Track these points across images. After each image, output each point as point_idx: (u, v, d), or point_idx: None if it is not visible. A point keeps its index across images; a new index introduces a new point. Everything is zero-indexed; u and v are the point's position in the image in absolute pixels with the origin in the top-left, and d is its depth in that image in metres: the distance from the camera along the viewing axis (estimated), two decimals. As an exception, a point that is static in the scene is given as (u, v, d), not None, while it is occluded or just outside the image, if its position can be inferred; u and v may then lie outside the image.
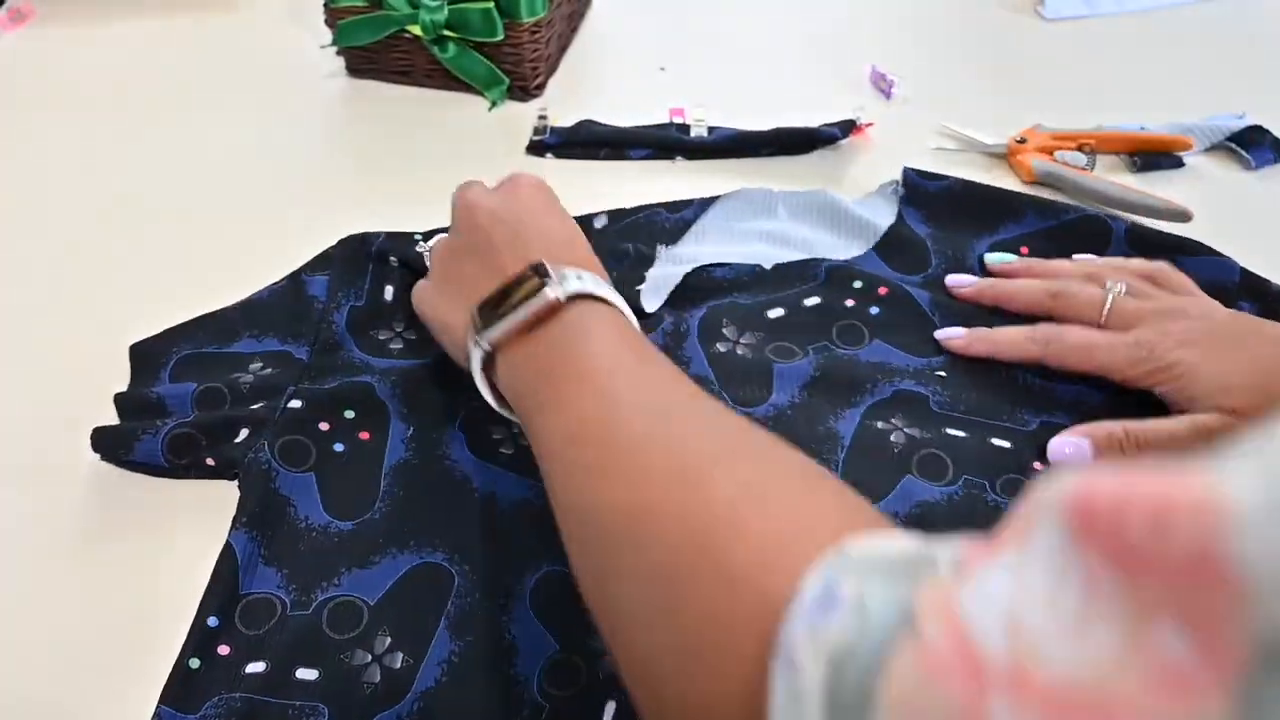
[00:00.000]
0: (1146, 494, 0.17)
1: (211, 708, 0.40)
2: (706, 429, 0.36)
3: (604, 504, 0.34)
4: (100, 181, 0.68)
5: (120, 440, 0.49)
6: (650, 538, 0.32)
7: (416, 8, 0.72)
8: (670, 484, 0.33)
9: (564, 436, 0.38)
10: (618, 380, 0.38)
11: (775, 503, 0.31)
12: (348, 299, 0.55)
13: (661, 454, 0.34)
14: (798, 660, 0.24)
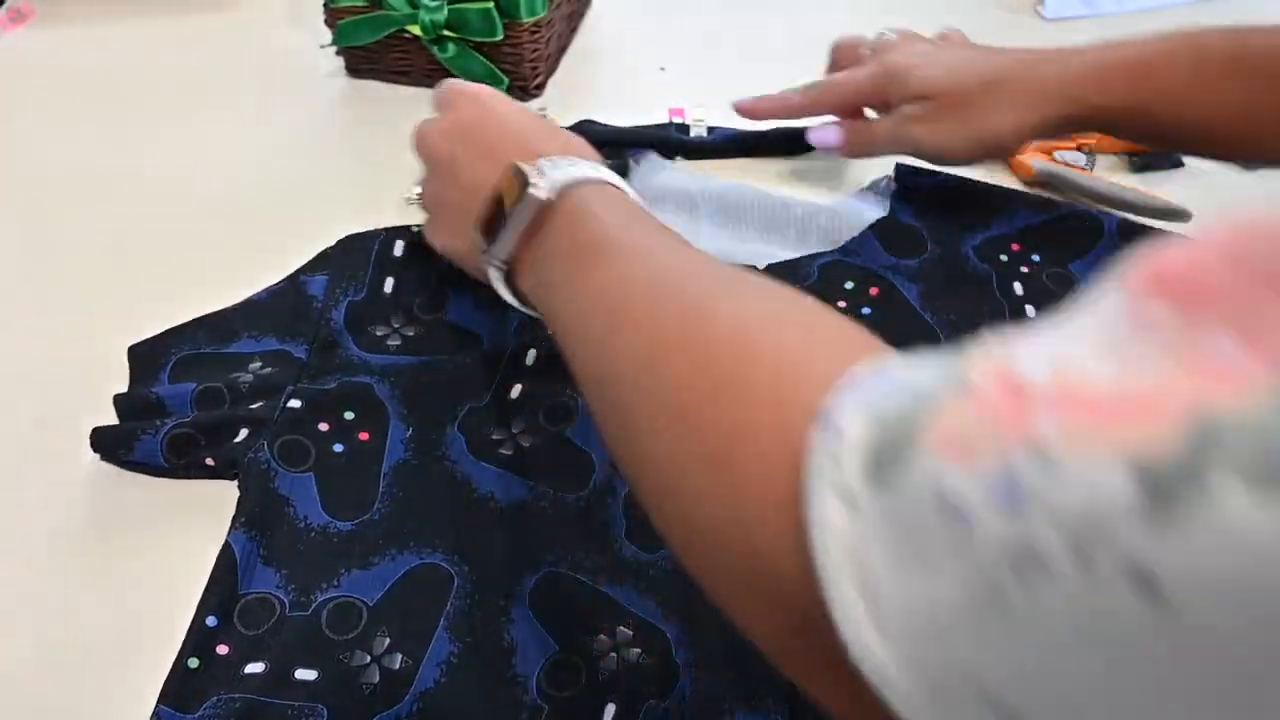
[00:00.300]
0: (1219, 238, 0.18)
1: (210, 708, 0.40)
2: (714, 274, 0.36)
3: (622, 357, 0.34)
4: (100, 181, 0.68)
5: (120, 440, 0.49)
6: (667, 374, 0.32)
7: (416, 8, 0.72)
8: (683, 321, 0.33)
9: (580, 312, 0.38)
10: (625, 249, 0.39)
11: (790, 326, 0.32)
12: (346, 294, 0.55)
13: (672, 298, 0.34)
14: (842, 423, 0.23)
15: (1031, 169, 0.67)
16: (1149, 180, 0.68)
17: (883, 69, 0.59)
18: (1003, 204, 0.61)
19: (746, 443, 0.28)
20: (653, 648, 0.42)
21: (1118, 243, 0.58)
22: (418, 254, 0.57)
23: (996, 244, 0.59)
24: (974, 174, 0.66)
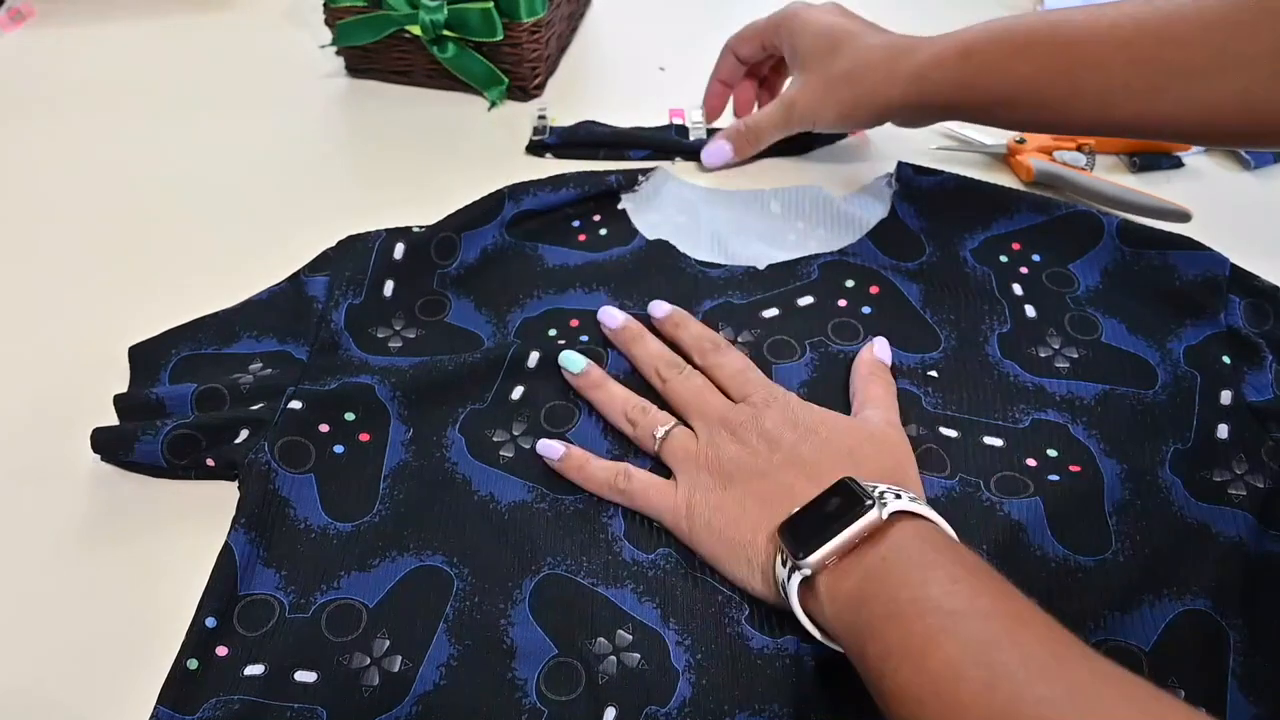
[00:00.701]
0: None
1: (210, 709, 0.40)
2: (1081, 660, 0.32)
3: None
4: (100, 182, 0.68)
5: (120, 441, 0.49)
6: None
7: (416, 8, 0.72)
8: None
9: (933, 685, 0.33)
10: (979, 624, 0.34)
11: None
12: (346, 297, 0.55)
13: (1044, 691, 0.31)
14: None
15: (1031, 169, 0.67)
16: (1149, 180, 0.68)
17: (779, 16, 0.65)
18: (1003, 204, 0.61)
19: None
20: (652, 651, 0.42)
21: (1118, 243, 0.58)
22: (418, 257, 0.57)
23: (996, 244, 0.59)
24: (974, 174, 0.66)
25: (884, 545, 0.38)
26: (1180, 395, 0.51)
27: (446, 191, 0.63)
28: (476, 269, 0.59)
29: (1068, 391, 0.51)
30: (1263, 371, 0.52)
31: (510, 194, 0.61)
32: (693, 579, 0.44)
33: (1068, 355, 0.53)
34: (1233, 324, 0.53)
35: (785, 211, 0.64)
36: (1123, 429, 0.50)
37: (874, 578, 0.37)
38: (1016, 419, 0.50)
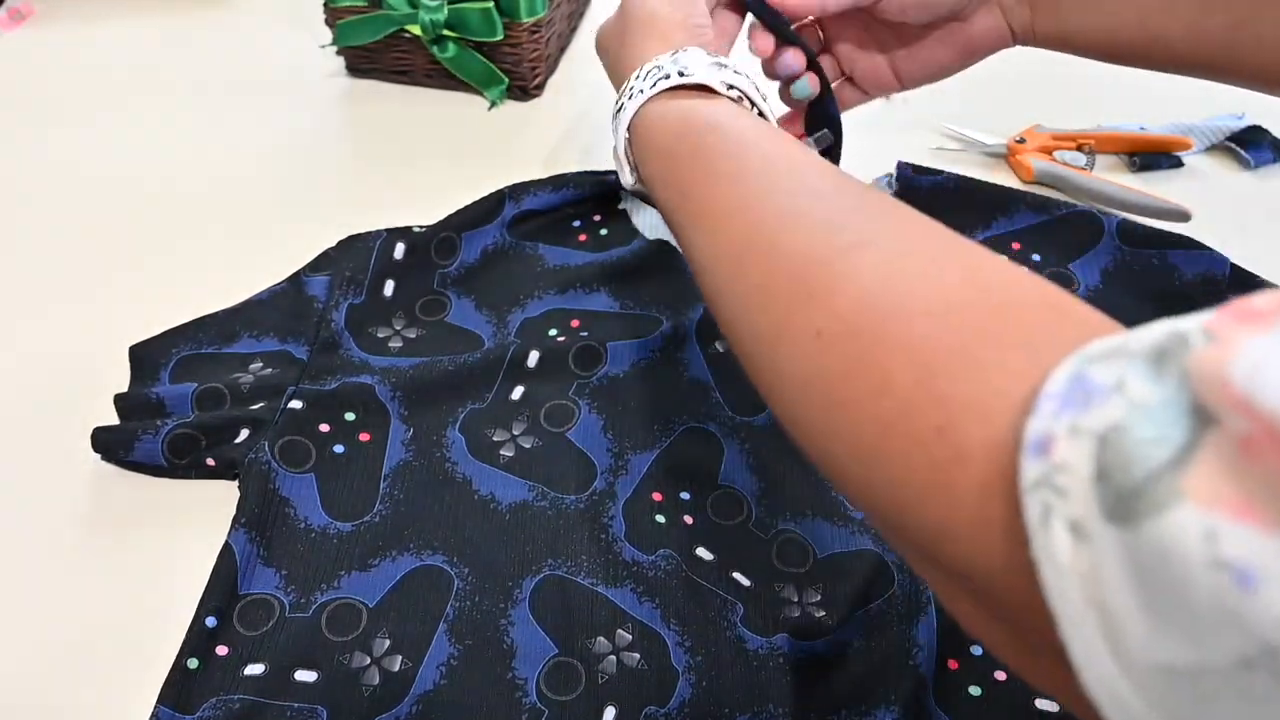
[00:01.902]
0: None
1: (210, 709, 0.40)
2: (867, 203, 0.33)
3: (760, 312, 0.32)
4: (100, 181, 0.68)
5: (120, 440, 0.49)
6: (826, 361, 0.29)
7: (416, 8, 0.72)
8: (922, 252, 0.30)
9: (707, 230, 0.36)
10: (775, 144, 0.38)
11: (990, 296, 0.29)
12: (346, 297, 0.55)
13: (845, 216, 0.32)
14: (1053, 450, 0.22)
15: (1031, 169, 0.67)
16: (1149, 180, 0.68)
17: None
18: (1003, 203, 0.61)
19: (948, 458, 0.26)
20: (652, 651, 0.42)
21: (1117, 243, 0.58)
22: (419, 257, 0.57)
23: (997, 243, 0.60)
24: (974, 174, 0.66)
25: (700, 102, 0.42)
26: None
27: (446, 191, 0.63)
28: (477, 269, 0.59)
29: None
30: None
31: (510, 194, 0.61)
32: (692, 580, 0.44)
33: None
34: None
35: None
36: None
37: (690, 112, 0.42)
38: None
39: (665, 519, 0.47)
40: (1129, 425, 0.21)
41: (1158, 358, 0.22)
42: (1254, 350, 0.19)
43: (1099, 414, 0.22)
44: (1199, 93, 0.76)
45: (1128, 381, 0.22)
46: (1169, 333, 0.22)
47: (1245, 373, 0.19)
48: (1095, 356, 0.23)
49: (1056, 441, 0.22)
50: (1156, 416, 0.21)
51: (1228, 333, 0.20)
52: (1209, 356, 0.20)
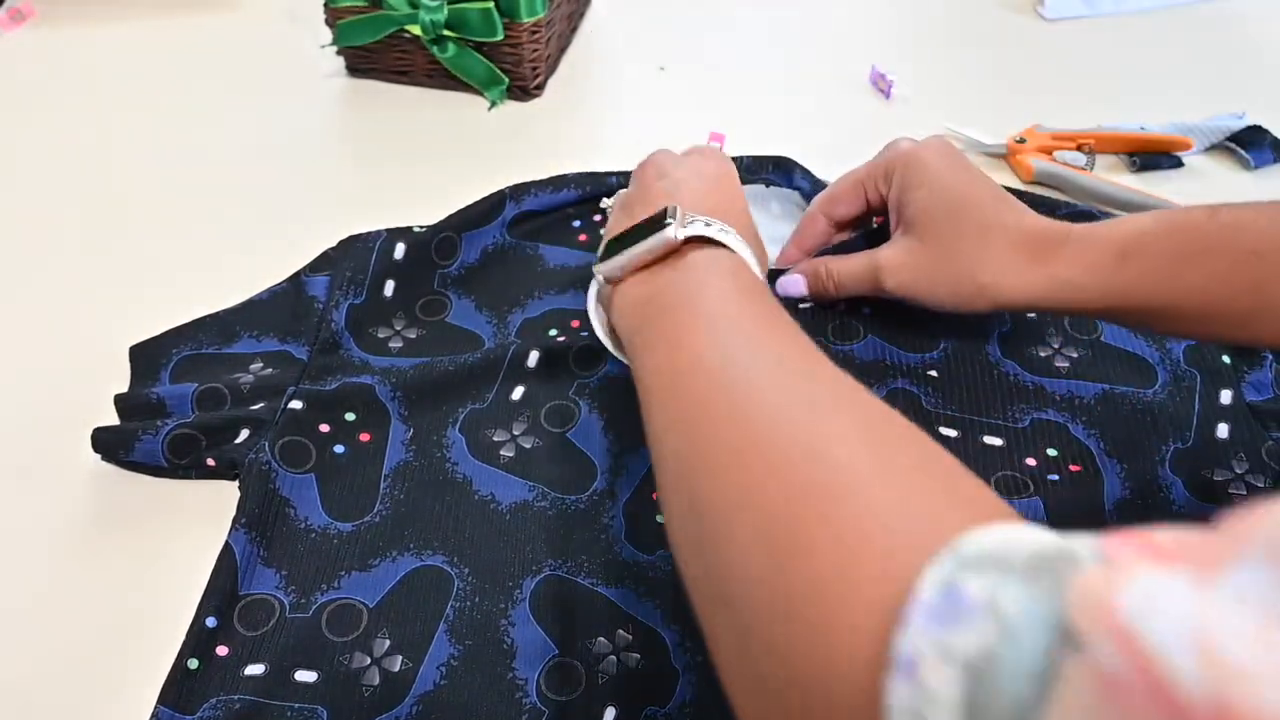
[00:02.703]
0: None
1: (210, 709, 0.40)
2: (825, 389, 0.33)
3: (705, 446, 0.32)
4: (100, 181, 0.68)
5: (120, 440, 0.49)
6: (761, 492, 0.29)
7: (416, 8, 0.72)
8: (796, 436, 0.30)
9: (674, 369, 0.36)
10: (735, 323, 0.37)
11: (899, 474, 0.28)
12: (347, 297, 0.55)
13: (780, 404, 0.32)
14: (922, 673, 0.21)
15: (1031, 169, 0.67)
16: (1149, 180, 0.68)
17: (887, 159, 0.53)
18: None
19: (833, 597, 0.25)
20: (652, 652, 0.42)
21: None
22: (419, 257, 0.57)
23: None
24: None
25: (680, 263, 0.42)
26: (1180, 394, 0.51)
27: (446, 191, 0.63)
28: (477, 269, 0.59)
29: (1068, 391, 0.51)
30: (1263, 371, 0.52)
31: (511, 194, 0.61)
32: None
33: (1068, 355, 0.53)
34: None
35: (785, 212, 0.64)
36: (1123, 428, 0.50)
37: (660, 285, 0.41)
38: (1016, 418, 0.50)
39: (665, 519, 0.47)
40: (999, 654, 0.20)
41: (1035, 571, 0.21)
42: (1150, 584, 0.18)
43: (968, 636, 0.21)
44: (1199, 93, 0.76)
45: (1000, 599, 0.21)
46: (1056, 547, 0.21)
47: (1135, 603, 0.17)
48: (971, 561, 0.22)
49: (924, 662, 0.21)
50: (1024, 641, 0.20)
51: (1124, 560, 0.19)
52: (1097, 577, 0.19)
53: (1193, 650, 0.16)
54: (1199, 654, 0.16)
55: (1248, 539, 0.17)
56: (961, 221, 0.49)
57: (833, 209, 0.55)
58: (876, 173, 0.53)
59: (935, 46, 0.83)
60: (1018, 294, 0.48)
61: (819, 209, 0.56)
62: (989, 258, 0.48)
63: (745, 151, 0.65)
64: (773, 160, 0.64)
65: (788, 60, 0.81)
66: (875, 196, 0.54)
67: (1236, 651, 0.15)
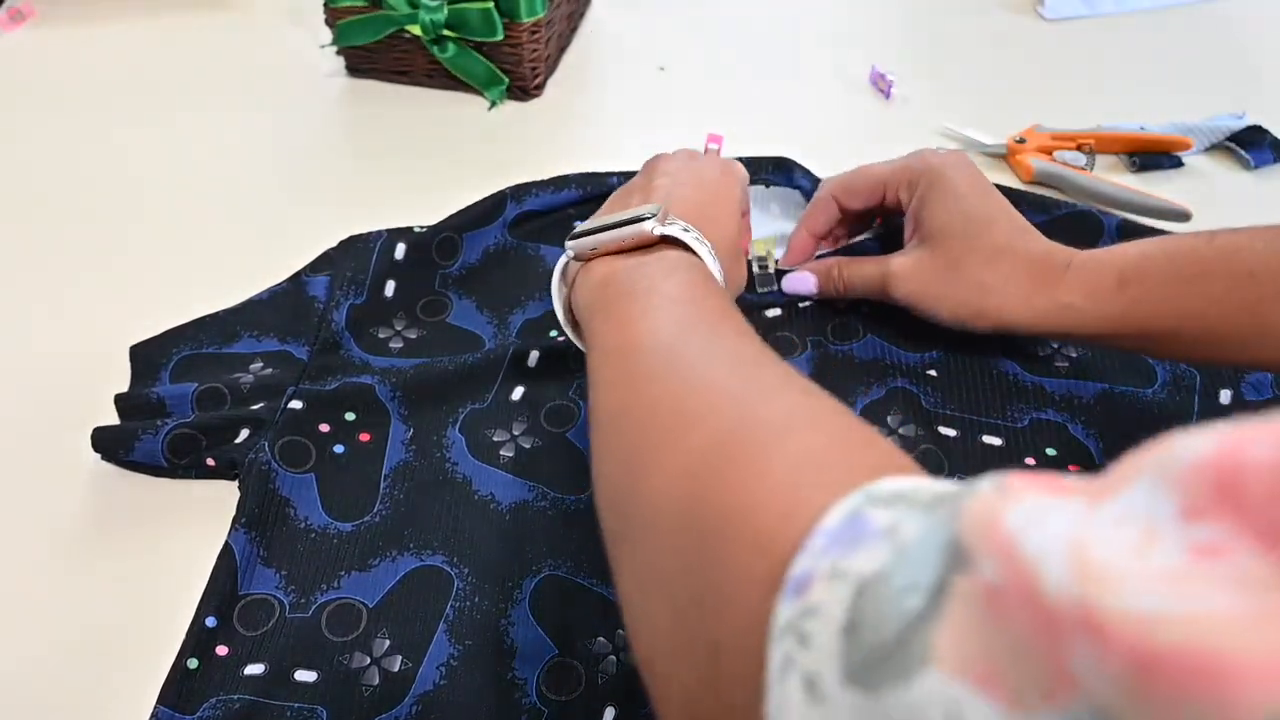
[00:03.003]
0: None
1: (210, 709, 0.40)
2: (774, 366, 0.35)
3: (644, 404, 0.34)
4: (101, 181, 0.68)
5: (120, 440, 0.49)
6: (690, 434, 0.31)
7: (416, 8, 0.72)
8: (731, 392, 0.32)
9: (628, 344, 0.37)
10: (686, 309, 0.38)
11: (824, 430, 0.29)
12: (348, 297, 0.55)
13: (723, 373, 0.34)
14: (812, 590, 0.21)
15: (1031, 169, 0.67)
16: (1149, 180, 0.68)
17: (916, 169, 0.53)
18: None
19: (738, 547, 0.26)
20: (652, 649, 0.42)
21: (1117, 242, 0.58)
22: (420, 257, 0.57)
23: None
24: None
25: (649, 256, 0.43)
26: (1180, 394, 0.51)
27: (446, 191, 0.63)
28: (478, 269, 0.59)
29: (1067, 391, 0.51)
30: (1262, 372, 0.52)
31: (512, 195, 0.61)
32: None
33: (1067, 355, 0.53)
34: None
35: (785, 212, 0.64)
36: (1122, 428, 0.50)
37: (625, 270, 0.42)
38: (1015, 418, 0.50)
39: (665, 519, 0.47)
40: (888, 573, 0.20)
41: (937, 502, 0.21)
42: (1035, 505, 0.18)
43: (864, 557, 0.21)
44: (1199, 93, 0.76)
45: (900, 526, 0.21)
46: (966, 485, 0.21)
47: (1017, 520, 0.18)
48: (882, 497, 0.23)
49: (815, 582, 0.21)
50: (915, 559, 0.20)
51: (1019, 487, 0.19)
52: (986, 498, 0.19)
53: (1065, 559, 0.16)
54: (1071, 563, 0.16)
55: (1138, 469, 0.17)
56: (975, 242, 0.50)
57: (848, 199, 0.56)
58: (900, 178, 0.54)
59: (935, 46, 0.83)
60: (1019, 318, 0.49)
61: (833, 194, 0.56)
62: (996, 281, 0.49)
63: (745, 151, 0.65)
64: (773, 161, 0.64)
65: (788, 60, 0.81)
66: (893, 200, 0.54)
67: (1106, 559, 0.16)
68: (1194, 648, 0.14)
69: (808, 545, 0.23)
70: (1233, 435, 0.16)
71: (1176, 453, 0.16)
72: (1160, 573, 0.15)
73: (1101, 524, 0.17)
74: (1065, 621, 0.15)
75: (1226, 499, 0.15)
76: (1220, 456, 0.16)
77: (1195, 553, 0.15)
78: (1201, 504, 0.15)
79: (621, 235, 0.43)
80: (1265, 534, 0.15)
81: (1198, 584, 0.14)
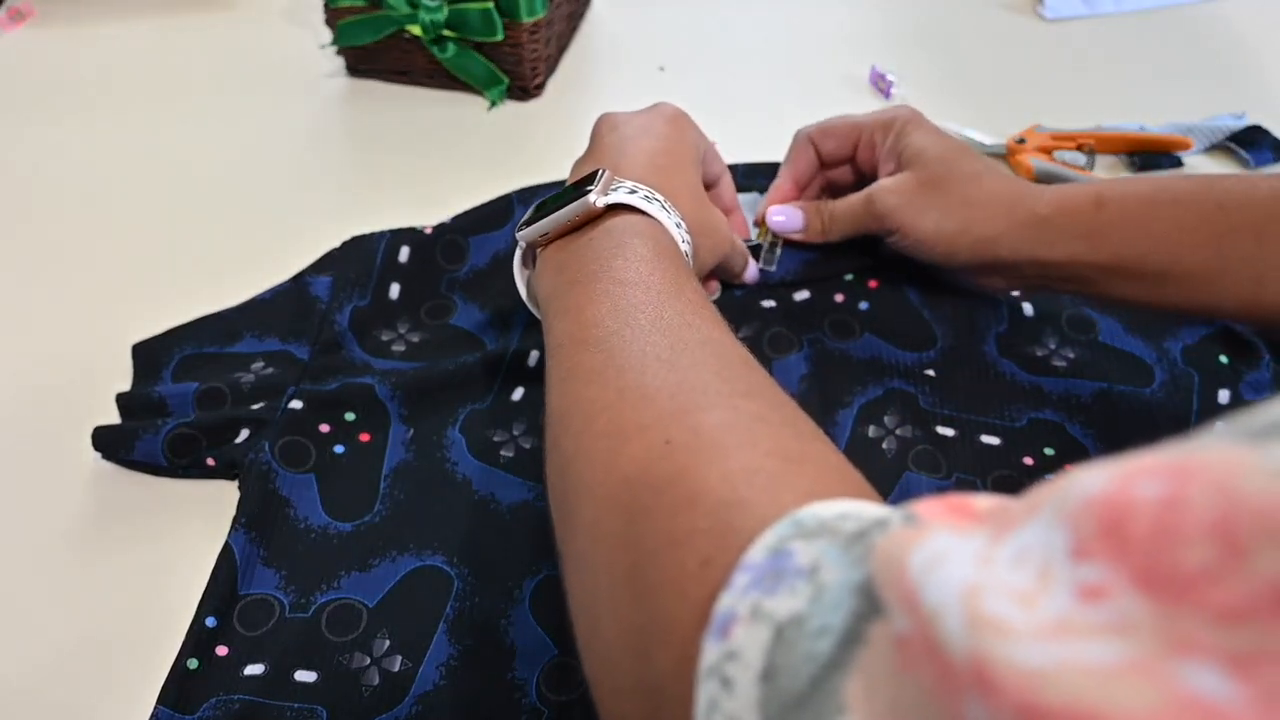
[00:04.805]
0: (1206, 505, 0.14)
1: (209, 709, 0.40)
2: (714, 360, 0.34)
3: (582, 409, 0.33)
4: (101, 181, 0.68)
5: (121, 439, 0.49)
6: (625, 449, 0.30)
7: (416, 8, 0.72)
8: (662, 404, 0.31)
9: (573, 338, 0.37)
10: (635, 291, 0.38)
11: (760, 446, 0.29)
12: (351, 299, 0.55)
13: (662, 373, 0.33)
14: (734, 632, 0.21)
15: (1031, 169, 0.67)
16: (1149, 181, 0.68)
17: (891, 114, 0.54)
18: None
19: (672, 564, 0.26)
20: (652, 649, 0.42)
21: None
22: (425, 260, 0.57)
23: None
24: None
25: (597, 230, 0.42)
26: (1178, 394, 0.51)
27: (446, 191, 0.63)
28: (486, 273, 0.59)
29: (1065, 390, 0.51)
30: (1260, 372, 0.52)
31: (519, 198, 0.61)
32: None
33: (1065, 354, 0.53)
34: (1229, 323, 0.54)
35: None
36: (1120, 428, 0.50)
37: (576, 252, 0.41)
38: (1013, 418, 0.50)
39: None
40: (808, 616, 0.20)
41: (855, 538, 0.21)
42: (939, 544, 0.18)
43: (784, 599, 0.21)
44: (1199, 93, 0.76)
45: (823, 564, 0.21)
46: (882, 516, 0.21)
47: (921, 565, 0.18)
48: (808, 527, 0.23)
49: (737, 623, 0.21)
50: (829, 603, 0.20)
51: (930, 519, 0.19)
52: (895, 538, 0.19)
53: (961, 610, 0.16)
54: (966, 614, 0.16)
55: (1041, 502, 0.17)
56: (957, 165, 0.51)
57: (822, 140, 0.57)
58: (877, 122, 0.54)
59: (935, 46, 0.83)
60: (999, 231, 0.49)
61: (810, 136, 0.57)
62: (979, 195, 0.50)
63: (744, 151, 0.65)
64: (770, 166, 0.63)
65: (788, 60, 0.81)
66: (867, 146, 0.55)
67: (998, 611, 0.16)
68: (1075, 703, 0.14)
69: (732, 582, 0.23)
70: (1124, 470, 0.16)
71: (1073, 488, 0.17)
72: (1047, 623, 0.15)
73: (998, 566, 0.17)
74: (961, 675, 0.16)
75: (1111, 537, 0.15)
76: (1109, 494, 0.16)
77: (1081, 593, 0.15)
78: (1089, 543, 0.15)
79: (568, 215, 0.42)
80: (1144, 575, 0.15)
81: (1081, 633, 0.15)
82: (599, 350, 0.35)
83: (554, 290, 0.41)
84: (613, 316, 0.36)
